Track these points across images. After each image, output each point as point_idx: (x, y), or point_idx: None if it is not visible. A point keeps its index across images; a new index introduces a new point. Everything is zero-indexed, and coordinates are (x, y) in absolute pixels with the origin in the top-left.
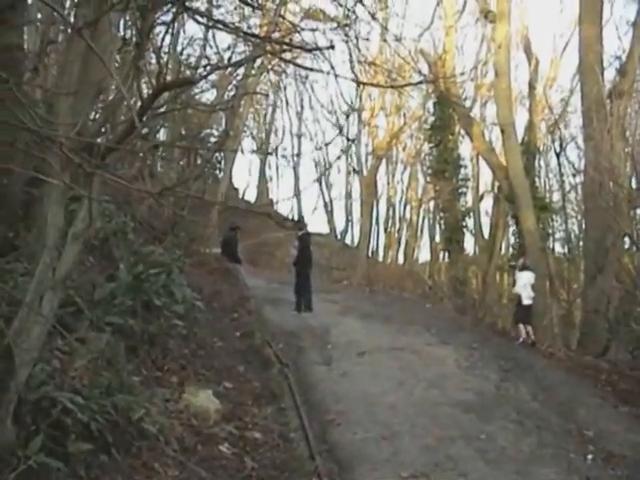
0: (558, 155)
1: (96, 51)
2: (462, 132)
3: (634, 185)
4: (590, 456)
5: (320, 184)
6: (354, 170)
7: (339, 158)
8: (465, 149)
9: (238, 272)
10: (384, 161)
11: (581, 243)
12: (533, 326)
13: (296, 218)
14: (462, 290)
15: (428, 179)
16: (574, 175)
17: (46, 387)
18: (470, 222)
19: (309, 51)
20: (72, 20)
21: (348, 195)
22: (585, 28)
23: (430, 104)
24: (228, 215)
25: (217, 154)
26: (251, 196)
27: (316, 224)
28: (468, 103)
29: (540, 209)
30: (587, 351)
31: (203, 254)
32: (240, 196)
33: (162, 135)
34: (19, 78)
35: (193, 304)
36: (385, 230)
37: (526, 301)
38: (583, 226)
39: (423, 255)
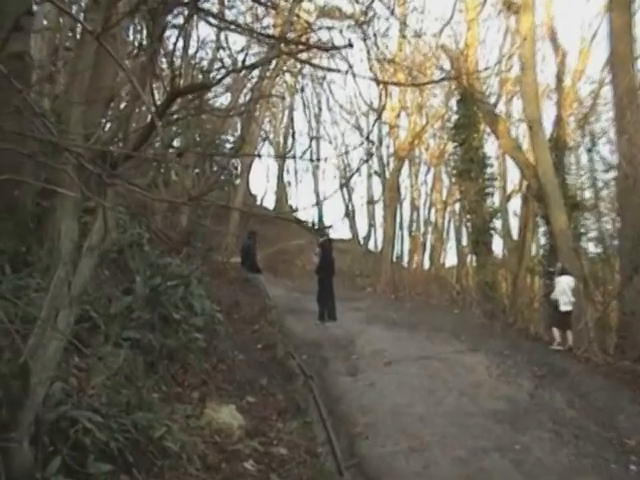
0: (589, 150)
1: (113, 55)
2: (487, 130)
3: None
4: (633, 467)
5: (341, 189)
6: (376, 173)
7: (365, 162)
8: (491, 147)
9: (258, 282)
10: (407, 162)
11: (616, 242)
12: (571, 331)
13: (317, 224)
14: (491, 294)
15: (453, 180)
16: (607, 171)
17: (64, 406)
18: (498, 223)
19: (326, 50)
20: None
21: (370, 199)
22: (615, 16)
23: (453, 102)
24: (246, 223)
25: (233, 160)
26: (269, 202)
27: (338, 229)
28: (493, 99)
29: (571, 207)
30: (625, 355)
31: (222, 264)
32: (258, 202)
33: (176, 142)
34: (28, 86)
35: (212, 316)
36: (409, 234)
37: (564, 307)
38: (617, 224)
39: (450, 259)
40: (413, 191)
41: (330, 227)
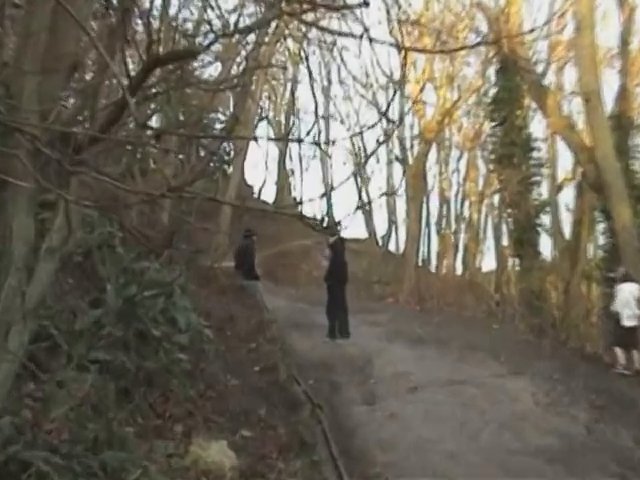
0: None
1: (74, 14)
2: (533, 105)
3: None
4: None
5: (355, 178)
6: (397, 159)
7: (382, 144)
8: (537, 127)
9: (255, 290)
10: (434, 146)
11: None
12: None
13: (326, 221)
14: (538, 306)
15: (491, 167)
16: None
17: (14, 445)
18: (546, 219)
19: (336, 10)
20: None
21: (390, 190)
22: None
23: (491, 72)
24: (240, 219)
25: (225, 144)
26: (269, 195)
27: (351, 227)
28: (540, 68)
29: (637, 199)
30: None
31: (211, 269)
32: (255, 195)
33: (154, 122)
34: None
35: (200, 332)
36: (438, 232)
37: (627, 322)
38: None
39: (487, 263)
40: (442, 180)
41: (341, 224)
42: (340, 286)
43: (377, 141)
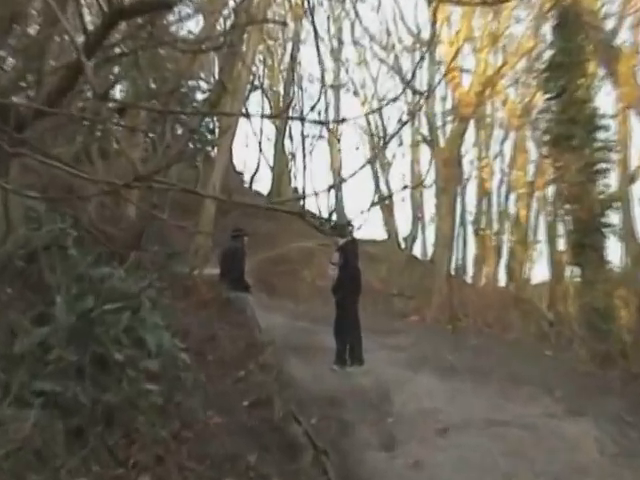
0: None
1: None
2: (600, 72)
3: None
4: None
5: (372, 165)
6: (424, 140)
7: (406, 123)
8: (605, 100)
9: (245, 304)
10: (472, 124)
11: None
12: None
13: (334, 218)
14: (604, 327)
15: (544, 151)
16: None
17: None
18: (615, 218)
19: None
20: None
21: (416, 180)
22: None
23: (547, 29)
24: (226, 216)
25: (208, 120)
26: (263, 185)
27: (367, 227)
28: (611, 23)
29: None
30: None
31: (190, 278)
32: (246, 185)
33: (118, 92)
34: None
35: (174, 357)
36: (476, 233)
37: None
38: None
39: (538, 272)
40: (482, 168)
41: (354, 223)
42: (352, 299)
43: (400, 119)
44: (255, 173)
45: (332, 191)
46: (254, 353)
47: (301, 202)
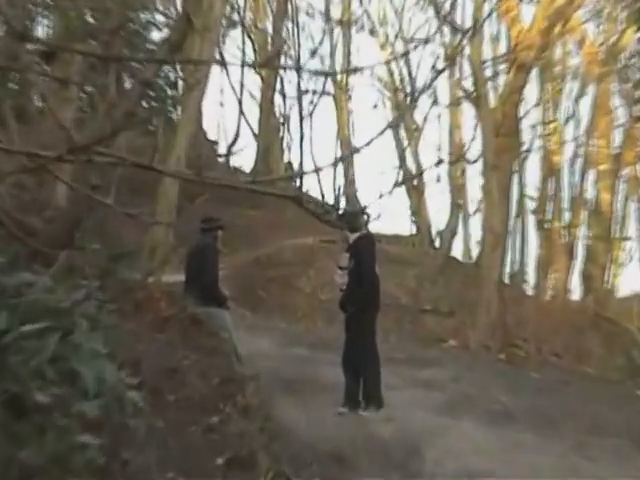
0: None
1: None
2: None
3: None
4: None
5: (395, 132)
6: (467, 96)
7: (441, 72)
8: None
9: (221, 323)
10: (535, 75)
11: None
12: None
13: (343, 204)
14: None
15: (636, 110)
16: None
17: None
18: None
19: None
20: None
21: (456, 153)
22: None
23: None
24: (194, 201)
25: (169, 68)
26: (245, 158)
27: (387, 217)
28: None
29: None
30: None
31: (143, 287)
32: (221, 159)
33: (40, 30)
34: None
35: (121, 398)
36: (539, 227)
37: None
38: None
39: (627, 280)
40: (548, 136)
41: (370, 211)
42: (367, 318)
43: (434, 66)
44: (234, 143)
45: (340, 167)
46: (232, 391)
47: (297, 182)
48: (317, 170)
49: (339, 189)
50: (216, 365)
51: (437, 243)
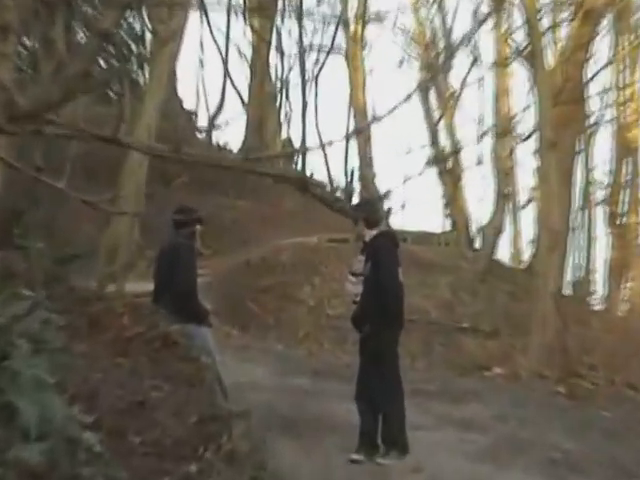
0: None
1: None
2: None
3: None
4: None
5: (425, 96)
6: (518, 53)
7: (485, 21)
8: None
9: (202, 344)
10: (605, 26)
11: None
12: None
13: (357, 190)
14: None
15: None
16: None
17: None
18: None
19: None
20: None
21: (502, 126)
22: None
23: None
24: (168, 185)
25: (133, 15)
26: (231, 135)
27: (413, 209)
28: None
29: None
30: None
31: (100, 299)
32: (201, 133)
33: None
34: None
35: (71, 440)
36: (611, 221)
37: None
38: None
39: None
40: (623, 105)
41: (391, 198)
42: (387, 338)
43: (475, 14)
44: (217, 114)
45: (353, 143)
46: (214, 432)
47: (299, 163)
48: (324, 146)
49: (352, 172)
50: (195, 398)
51: (477, 243)
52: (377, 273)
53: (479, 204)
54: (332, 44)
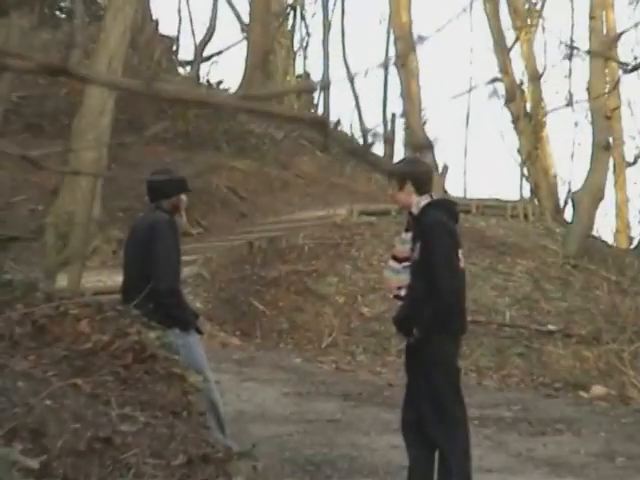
0: None
1: None
2: None
3: None
4: None
5: (494, 13)
6: None
7: None
8: None
9: (189, 357)
10: None
11: None
12: None
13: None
14: None
15: None
16: None
17: None
18: None
19: None
20: None
21: (595, 50)
22: None
23: None
24: (140, 135)
25: None
26: (226, 70)
27: (475, 170)
28: None
29: None
30: None
31: (49, 297)
32: (186, 67)
33: None
34: None
35: None
36: None
37: None
38: None
39: None
40: None
41: (439, 147)
42: (444, 346)
43: None
44: (207, 41)
45: (395, 76)
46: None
47: (320, 106)
48: (353, 80)
49: (393, 118)
50: (180, 433)
51: (568, 215)
52: (430, 258)
53: (569, 161)
54: None
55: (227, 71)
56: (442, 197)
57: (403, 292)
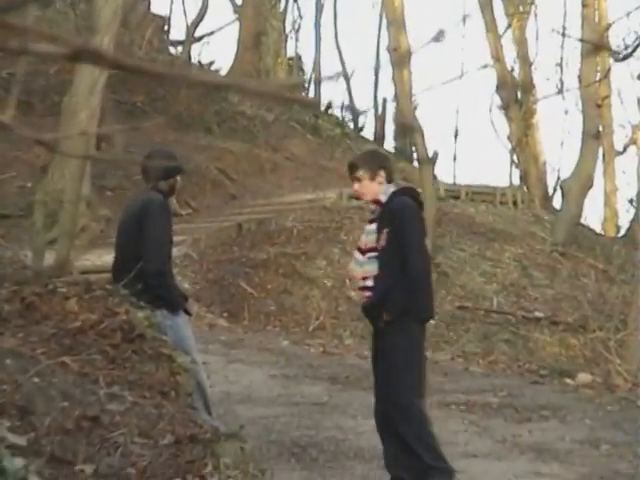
0: None
1: None
2: None
3: None
4: None
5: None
6: None
7: None
8: None
9: (178, 338)
10: None
11: None
12: None
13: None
14: None
15: None
16: None
17: None
18: None
19: None
20: None
21: (588, 39)
22: None
23: None
24: (132, 117)
25: None
26: (218, 51)
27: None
28: None
29: None
30: None
31: (38, 276)
32: (178, 47)
33: None
34: None
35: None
36: None
37: None
38: None
39: None
40: None
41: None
42: (415, 330)
43: None
44: (198, 21)
45: (387, 61)
46: (195, 459)
47: (307, 84)
48: (344, 65)
49: (384, 101)
50: (168, 413)
51: (557, 202)
52: (400, 239)
53: (559, 149)
54: None
55: (219, 52)
56: (406, 185)
57: (369, 282)
